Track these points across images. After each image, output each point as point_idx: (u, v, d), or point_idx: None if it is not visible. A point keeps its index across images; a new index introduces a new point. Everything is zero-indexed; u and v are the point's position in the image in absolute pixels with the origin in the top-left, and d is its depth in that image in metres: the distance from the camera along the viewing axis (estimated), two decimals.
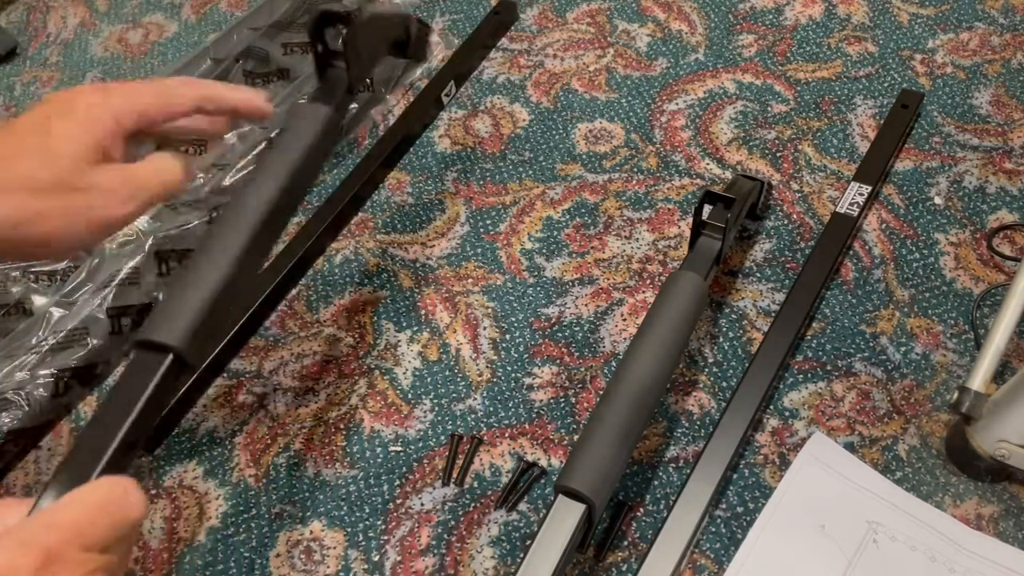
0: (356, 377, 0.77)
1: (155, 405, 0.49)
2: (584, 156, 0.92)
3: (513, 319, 0.80)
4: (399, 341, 0.79)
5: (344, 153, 0.96)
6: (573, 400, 0.74)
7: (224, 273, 0.53)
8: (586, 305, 0.80)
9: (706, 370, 0.75)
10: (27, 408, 0.74)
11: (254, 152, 0.89)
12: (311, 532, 0.69)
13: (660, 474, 0.69)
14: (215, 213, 0.85)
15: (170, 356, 0.50)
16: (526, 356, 0.77)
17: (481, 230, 0.87)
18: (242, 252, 0.54)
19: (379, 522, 0.69)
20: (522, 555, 0.57)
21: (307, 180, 0.61)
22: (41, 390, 0.75)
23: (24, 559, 0.33)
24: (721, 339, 0.76)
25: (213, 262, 0.53)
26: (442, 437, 0.73)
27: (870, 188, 0.82)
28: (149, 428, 0.50)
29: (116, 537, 0.38)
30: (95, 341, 0.77)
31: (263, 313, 0.82)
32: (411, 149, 0.95)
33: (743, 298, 0.79)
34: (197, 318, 0.51)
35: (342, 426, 0.74)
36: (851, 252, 0.81)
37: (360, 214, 0.90)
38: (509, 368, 0.76)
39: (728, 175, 0.88)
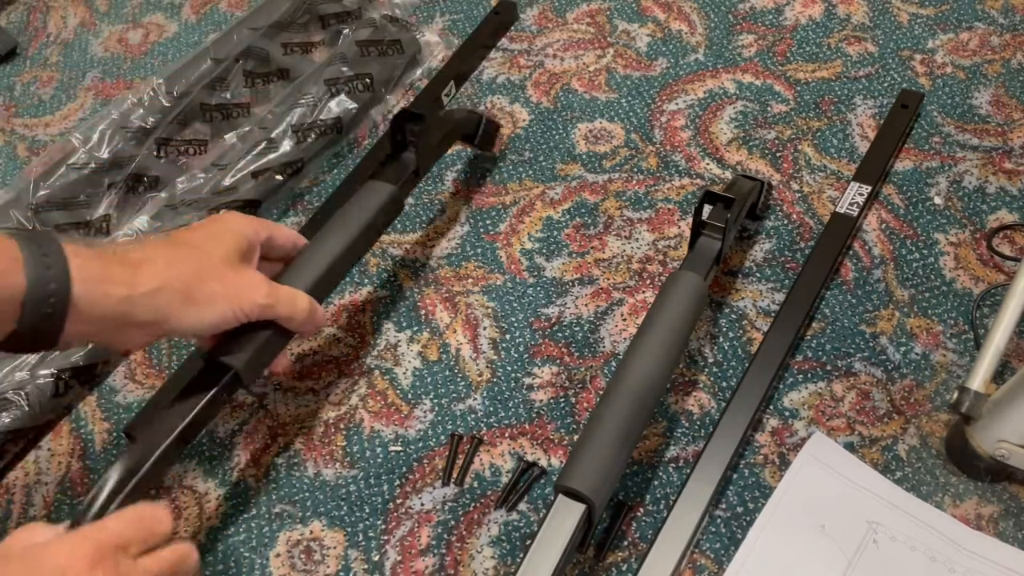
0: (356, 377, 0.77)
1: (211, 409, 0.62)
2: (584, 156, 0.92)
3: (513, 319, 0.80)
4: (399, 341, 0.79)
5: (344, 153, 0.96)
6: (573, 400, 0.74)
7: None
8: (586, 305, 0.80)
9: (706, 370, 0.75)
10: (27, 408, 0.74)
11: (253, 152, 0.89)
12: (311, 532, 0.69)
13: (660, 474, 0.69)
14: (215, 213, 0.85)
15: (231, 373, 0.62)
16: (526, 356, 0.77)
17: (481, 230, 0.87)
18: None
19: (379, 522, 0.69)
20: (522, 555, 0.57)
21: (367, 242, 0.74)
22: (41, 390, 0.74)
23: (82, 548, 0.45)
24: (721, 339, 0.76)
25: None
26: (442, 437, 0.73)
27: (870, 188, 0.82)
28: (203, 426, 0.62)
29: (147, 542, 0.48)
30: None
31: None
32: None
33: (743, 298, 0.79)
34: (256, 346, 0.62)
35: (342, 426, 0.74)
36: (851, 252, 0.81)
37: None
38: (509, 368, 0.76)
39: (728, 175, 0.88)
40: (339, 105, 0.94)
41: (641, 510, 0.67)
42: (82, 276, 0.51)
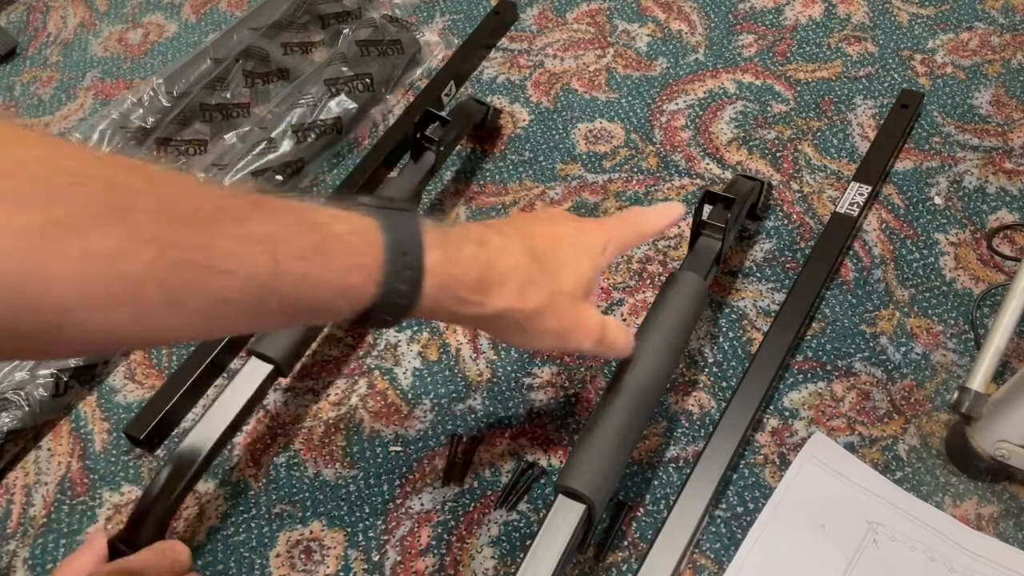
0: (356, 377, 0.77)
1: (257, 399, 0.69)
2: (584, 156, 0.92)
3: None
4: (399, 341, 0.79)
5: (344, 153, 0.96)
6: (573, 400, 0.74)
7: None
8: None
9: (706, 370, 0.75)
10: (27, 408, 0.74)
11: (253, 152, 0.89)
12: (311, 532, 0.69)
13: (660, 474, 0.69)
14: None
15: (272, 366, 0.69)
16: (526, 356, 0.77)
17: None
18: None
19: (379, 522, 0.69)
20: (522, 555, 0.57)
21: None
22: (41, 390, 0.75)
23: None
24: (721, 339, 0.76)
25: None
26: (442, 437, 0.73)
27: (870, 188, 0.82)
28: (251, 413, 0.70)
29: (165, 569, 0.54)
30: None
31: None
32: None
33: (743, 298, 0.79)
34: (295, 339, 0.69)
35: (342, 426, 0.74)
36: (851, 252, 0.81)
37: None
38: (509, 368, 0.76)
39: (728, 175, 0.88)
40: (339, 105, 0.94)
41: (641, 510, 0.67)
42: (432, 293, 0.45)
